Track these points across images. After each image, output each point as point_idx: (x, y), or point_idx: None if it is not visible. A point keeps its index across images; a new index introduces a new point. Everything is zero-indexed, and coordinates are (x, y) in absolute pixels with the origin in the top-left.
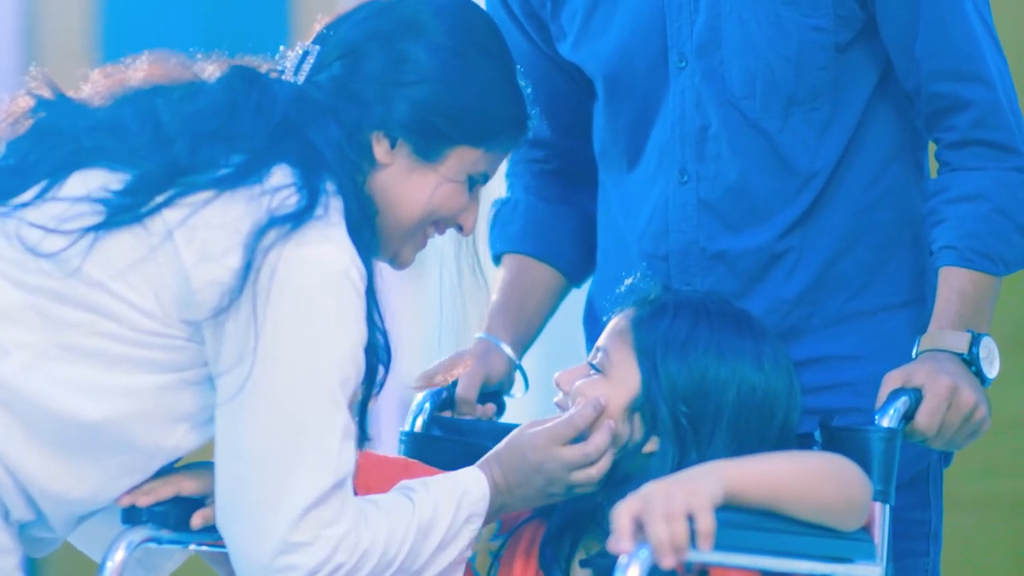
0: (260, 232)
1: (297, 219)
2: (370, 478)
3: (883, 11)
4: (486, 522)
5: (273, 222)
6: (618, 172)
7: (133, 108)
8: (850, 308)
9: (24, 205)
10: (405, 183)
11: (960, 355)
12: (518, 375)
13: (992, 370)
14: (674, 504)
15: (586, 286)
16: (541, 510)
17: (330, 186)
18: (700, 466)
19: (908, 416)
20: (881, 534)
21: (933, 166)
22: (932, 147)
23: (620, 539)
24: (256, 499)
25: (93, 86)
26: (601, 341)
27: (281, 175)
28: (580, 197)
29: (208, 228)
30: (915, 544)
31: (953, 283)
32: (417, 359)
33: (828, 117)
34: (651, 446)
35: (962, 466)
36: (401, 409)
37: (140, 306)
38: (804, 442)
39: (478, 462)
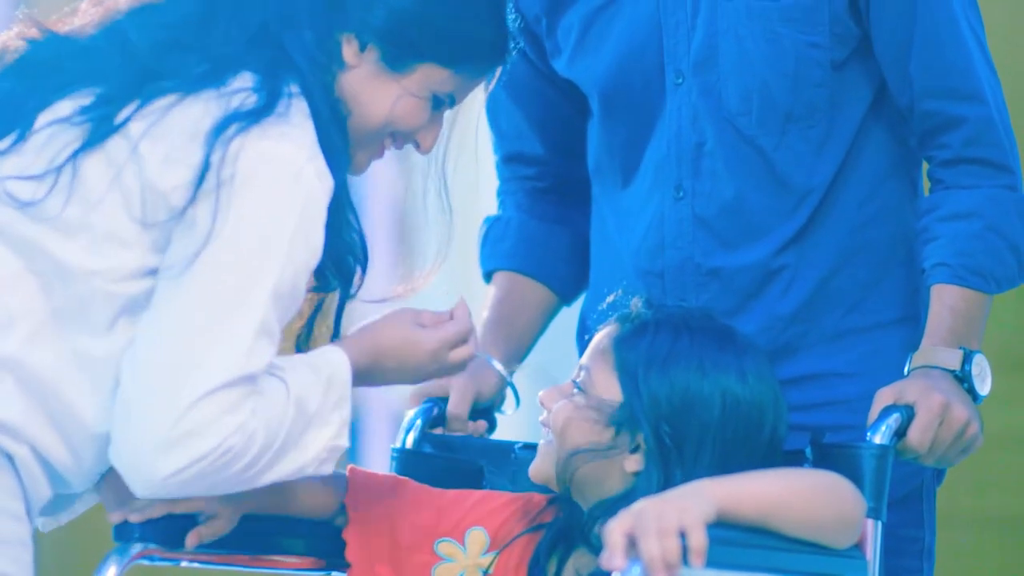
0: (220, 127)
1: (256, 116)
2: (359, 496)
3: (878, 28)
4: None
5: (232, 118)
6: (613, 188)
7: (105, 29)
8: (845, 325)
9: (3, 152)
10: (368, 88)
11: (952, 372)
12: (509, 391)
13: (984, 387)
14: (666, 521)
15: (579, 302)
16: (533, 528)
17: (294, 88)
18: (692, 483)
19: (900, 433)
20: (873, 551)
21: (926, 185)
22: (924, 165)
23: (613, 556)
24: (167, 373)
25: (82, 16)
26: (584, 359)
27: (243, 80)
28: (572, 215)
29: (171, 134)
30: (909, 561)
31: (946, 300)
32: None
33: (824, 134)
34: (633, 464)
35: (954, 483)
36: (392, 425)
37: (120, 236)
38: (795, 458)
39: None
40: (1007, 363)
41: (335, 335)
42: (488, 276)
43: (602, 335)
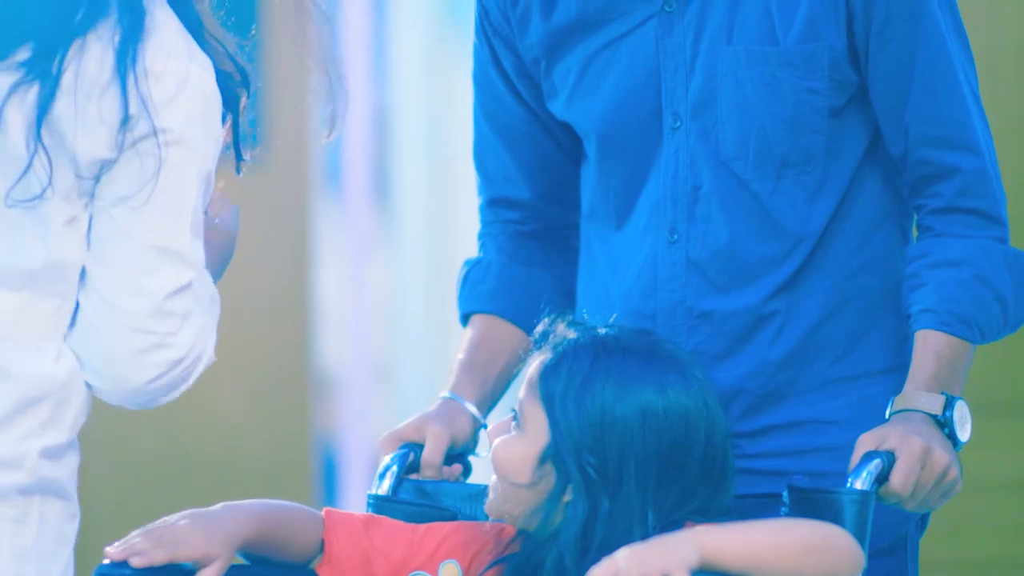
0: (120, 55)
1: (133, 41)
2: (334, 534)
3: (876, 75)
4: None
5: (123, 46)
6: (607, 230)
7: None
8: (833, 373)
9: None
10: None
11: (934, 416)
12: (484, 434)
13: (964, 434)
14: (649, 565)
15: None
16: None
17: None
18: (676, 532)
19: (881, 478)
20: None
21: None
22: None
23: None
24: (130, 286)
25: None
26: (520, 391)
27: (108, 19)
28: (555, 260)
29: (87, 72)
30: None
31: (931, 346)
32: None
33: (819, 181)
34: (569, 496)
35: (933, 527)
36: (369, 470)
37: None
38: (773, 503)
39: None
40: (986, 408)
41: (239, 159)
42: (465, 319)
43: (533, 365)
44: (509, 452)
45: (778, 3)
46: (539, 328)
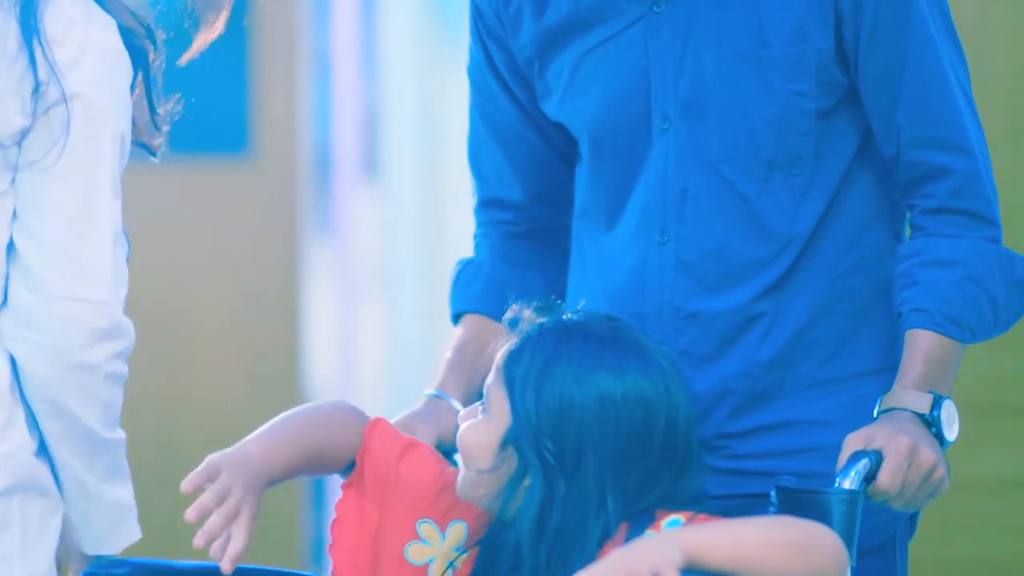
0: (24, 24)
1: (30, 2)
2: (367, 464)
3: (866, 78)
4: None
5: (24, 15)
6: (598, 231)
7: None
8: (822, 374)
9: None
10: None
11: (921, 416)
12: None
13: (951, 433)
14: (635, 564)
15: None
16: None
17: None
18: (660, 533)
19: (869, 478)
20: None
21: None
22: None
23: None
24: (65, 267)
25: None
26: (488, 377)
27: None
28: (547, 261)
29: None
30: None
31: (920, 345)
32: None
33: (807, 183)
34: (528, 481)
35: (921, 529)
36: None
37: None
38: (760, 503)
39: None
40: (974, 408)
41: (152, 113)
42: (456, 318)
43: (501, 351)
44: (473, 436)
45: (767, 5)
46: (508, 314)
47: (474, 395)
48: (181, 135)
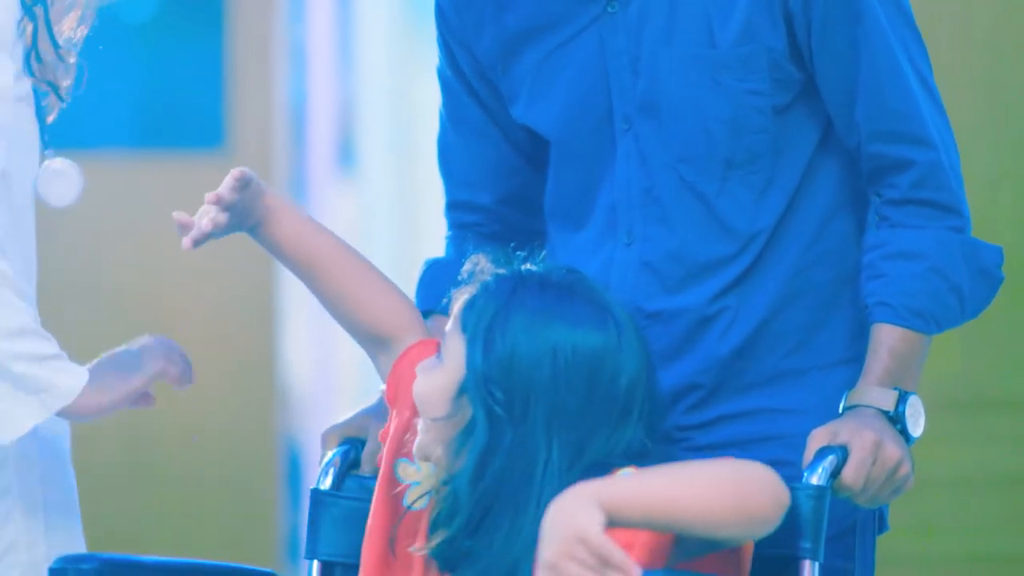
0: None
1: None
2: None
3: (821, 75)
4: None
5: None
6: (568, 232)
7: None
8: (785, 366)
9: None
10: None
11: (886, 412)
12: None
13: (917, 429)
14: (564, 532)
15: None
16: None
17: None
18: (569, 495)
19: (835, 474)
20: None
21: None
22: None
23: None
24: None
25: None
26: (447, 326)
27: None
28: None
29: None
30: None
31: (884, 340)
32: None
33: (767, 179)
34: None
35: (897, 524)
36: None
37: None
38: None
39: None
40: (952, 405)
41: (55, 48)
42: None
43: (459, 300)
44: (427, 384)
45: (715, 5)
46: (467, 267)
47: None
48: (157, 129)
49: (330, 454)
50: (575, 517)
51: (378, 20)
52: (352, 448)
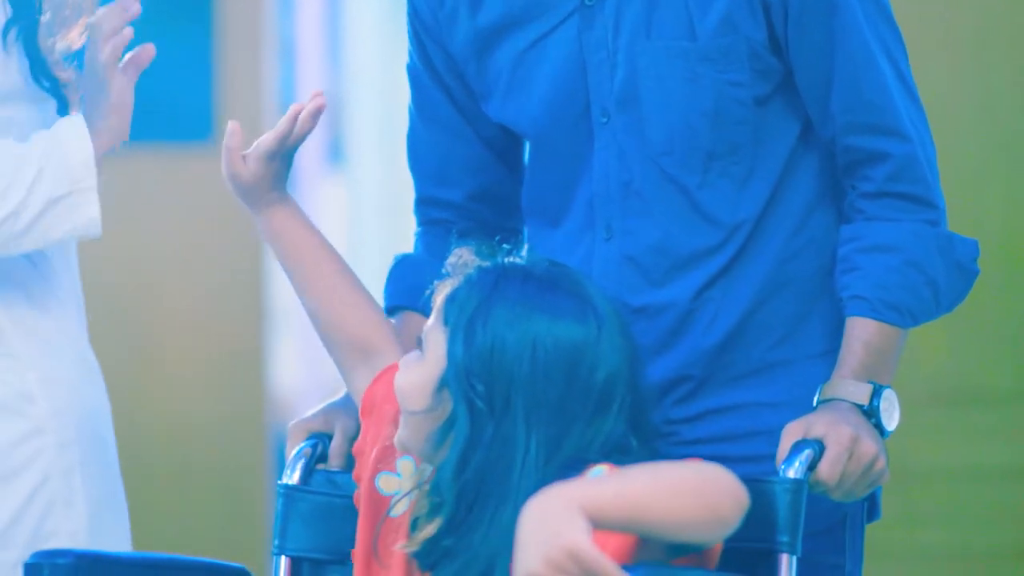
0: None
1: None
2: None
3: (797, 66)
4: None
5: None
6: (545, 227)
7: None
8: (772, 357)
9: None
10: None
11: (860, 406)
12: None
13: (891, 423)
14: (551, 551)
15: None
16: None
17: None
18: (546, 502)
19: (811, 468)
20: None
21: None
22: None
23: None
24: None
25: None
26: (428, 320)
27: None
28: None
29: None
30: None
31: (859, 333)
32: None
33: (748, 170)
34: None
35: (886, 516)
36: None
37: None
38: None
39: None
40: (938, 398)
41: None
42: (389, 312)
43: (441, 293)
44: (408, 377)
45: None
46: (451, 260)
47: None
48: (145, 122)
49: (296, 449)
50: (561, 527)
51: (367, 14)
52: (319, 442)
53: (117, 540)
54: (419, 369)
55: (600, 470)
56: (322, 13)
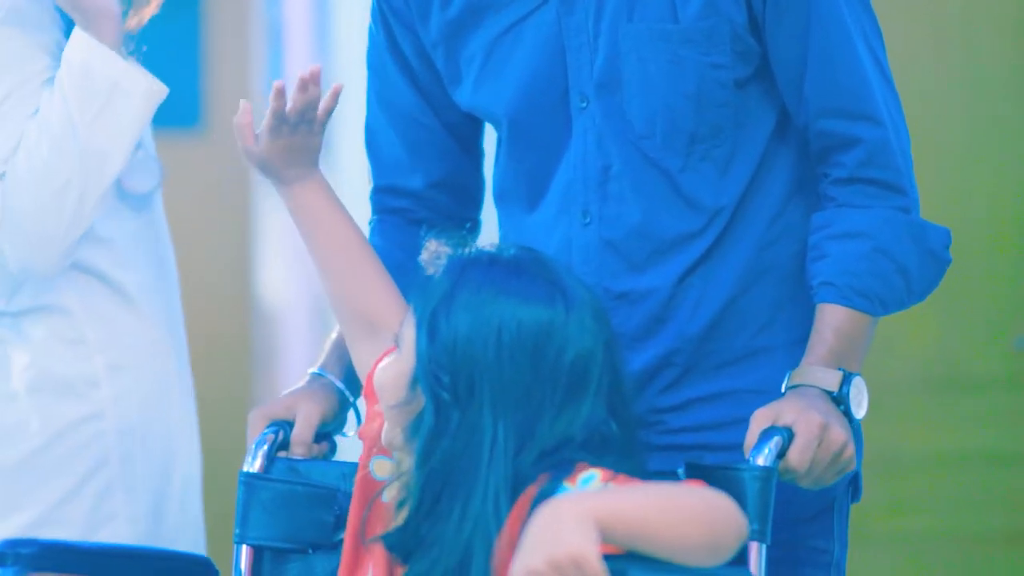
0: None
1: None
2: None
3: (773, 48)
4: None
5: None
6: (519, 213)
7: None
8: (754, 345)
9: None
10: None
11: (830, 393)
12: (351, 413)
13: (860, 411)
14: (556, 552)
15: None
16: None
17: None
18: (564, 506)
19: (780, 455)
20: (758, 574)
21: None
22: None
23: None
24: None
25: None
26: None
27: None
28: None
29: None
30: (817, 572)
31: (829, 320)
32: None
33: (730, 154)
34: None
35: (871, 502)
36: None
37: None
38: (668, 479)
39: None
40: (926, 383)
41: None
42: None
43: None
44: (384, 373)
45: None
46: (423, 256)
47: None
48: None
49: (258, 437)
50: (572, 533)
51: (355, 0)
52: (280, 429)
53: (187, 532)
54: (395, 364)
55: (593, 475)
56: (310, 1)
